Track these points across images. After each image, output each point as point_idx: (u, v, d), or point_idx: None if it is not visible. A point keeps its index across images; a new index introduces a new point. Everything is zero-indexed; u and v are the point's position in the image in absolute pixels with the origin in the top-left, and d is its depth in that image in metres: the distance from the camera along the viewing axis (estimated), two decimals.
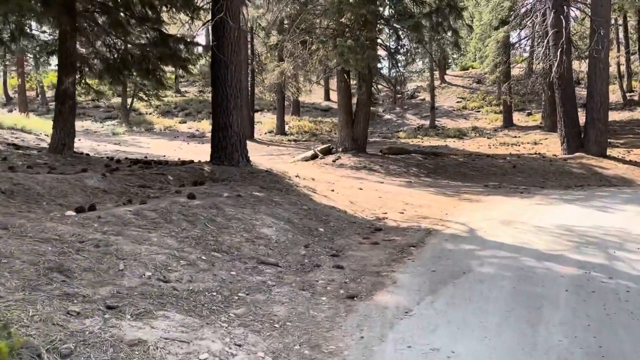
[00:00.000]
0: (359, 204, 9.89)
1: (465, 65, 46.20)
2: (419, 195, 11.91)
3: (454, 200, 11.43)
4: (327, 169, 16.43)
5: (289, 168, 14.85)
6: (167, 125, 33.71)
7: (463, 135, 30.13)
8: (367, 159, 17.99)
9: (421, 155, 19.50)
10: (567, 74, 19.83)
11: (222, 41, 10.20)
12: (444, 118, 36.12)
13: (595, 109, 19.44)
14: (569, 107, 19.99)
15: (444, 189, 13.85)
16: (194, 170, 9.67)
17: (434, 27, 18.14)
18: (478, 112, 36.50)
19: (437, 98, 39.06)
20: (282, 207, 7.75)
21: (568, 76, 19.99)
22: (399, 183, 14.72)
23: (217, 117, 10.34)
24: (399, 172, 16.97)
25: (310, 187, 10.32)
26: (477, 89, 39.86)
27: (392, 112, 38.53)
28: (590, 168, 18.15)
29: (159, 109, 38.27)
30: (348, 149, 19.05)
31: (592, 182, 16.78)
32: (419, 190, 13.08)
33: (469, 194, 12.65)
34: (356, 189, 11.71)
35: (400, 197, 11.32)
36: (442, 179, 16.47)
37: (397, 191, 12.15)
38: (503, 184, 15.75)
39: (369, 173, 16.42)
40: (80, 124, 31.77)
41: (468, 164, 18.50)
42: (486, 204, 10.65)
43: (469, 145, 26.30)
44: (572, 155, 19.53)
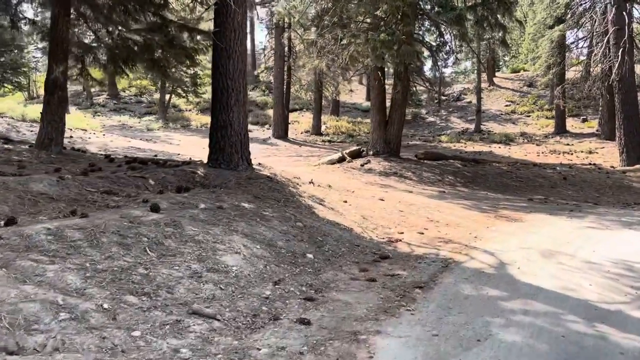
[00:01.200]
0: (372, 219, 8.31)
1: (517, 67, 43.50)
2: (448, 209, 10.20)
3: (488, 217, 9.66)
4: (353, 174, 14.87)
5: (308, 172, 13.39)
6: (203, 122, 32.84)
7: (510, 141, 27.88)
8: (399, 164, 16.30)
9: (460, 162, 17.64)
10: (629, 77, 17.52)
11: (224, 27, 8.82)
12: (491, 122, 33.83)
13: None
14: (630, 112, 17.68)
15: (480, 202, 12.05)
16: (185, 174, 8.34)
17: (478, 21, 16.25)
18: (528, 116, 34.03)
19: (484, 101, 36.79)
20: (269, 224, 6.29)
21: (630, 79, 17.67)
22: (430, 193, 12.99)
23: (215, 113, 8.97)
24: (432, 180, 15.21)
25: (319, 197, 8.81)
26: (527, 93, 37.29)
27: (436, 115, 36.48)
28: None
29: (199, 105, 37.56)
30: (379, 153, 17.40)
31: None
32: (451, 202, 11.34)
33: (508, 210, 10.83)
34: (376, 200, 10.12)
35: (426, 211, 9.65)
36: (481, 189, 14.61)
37: (424, 203, 10.47)
38: (550, 198, 13.78)
39: (399, 180, 14.75)
40: (118, 119, 31.40)
41: (512, 173, 16.53)
42: (526, 225, 8.85)
43: (515, 152, 24.12)
44: (633, 167, 17.24)
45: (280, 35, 25.42)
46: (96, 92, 40.59)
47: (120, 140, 19.00)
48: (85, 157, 10.11)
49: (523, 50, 39.02)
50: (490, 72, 40.80)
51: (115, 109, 36.22)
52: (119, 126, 29.17)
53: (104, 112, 34.86)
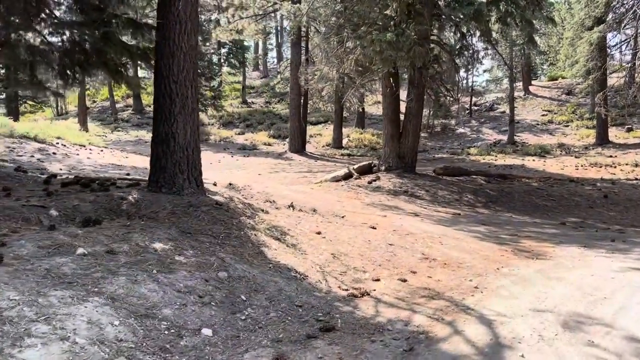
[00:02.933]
0: (346, 258, 6.30)
1: (555, 75, 40.51)
2: (455, 239, 8.06)
3: (504, 252, 7.48)
4: (356, 193, 12.84)
5: (301, 192, 11.47)
6: (224, 136, 31.50)
7: (546, 153, 25.23)
8: (413, 181, 14.17)
9: (484, 178, 15.36)
10: None
11: (167, 18, 7.06)
12: (526, 133, 31.13)
13: None
14: None
15: (499, 228, 9.83)
16: (109, 201, 6.55)
17: (502, 17, 14.06)
18: (566, 126, 31.18)
19: (519, 111, 34.13)
20: (170, 278, 4.40)
21: None
22: (441, 216, 10.84)
23: (156, 124, 7.17)
24: (448, 199, 13.02)
25: (283, 228, 6.86)
26: (566, 101, 34.38)
27: (467, 126, 33.99)
28: None
29: (222, 119, 36.30)
30: (392, 168, 15.32)
31: None
32: (462, 230, 9.18)
33: (532, 240, 8.60)
34: (365, 229, 8.08)
35: (424, 243, 7.55)
36: (504, 211, 12.33)
37: (426, 232, 8.37)
38: (587, 222, 11.42)
39: (408, 200, 12.63)
40: (136, 133, 30.32)
41: (543, 190, 14.14)
42: (550, 266, 6.64)
43: (551, 166, 21.53)
44: None
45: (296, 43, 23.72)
46: (121, 108, 39.99)
47: (112, 156, 17.54)
48: (16, 178, 8.48)
49: (561, 57, 36.16)
50: (525, 80, 38.04)
51: (138, 124, 35.29)
52: (135, 141, 28.06)
53: (125, 127, 33.95)
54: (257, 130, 33.39)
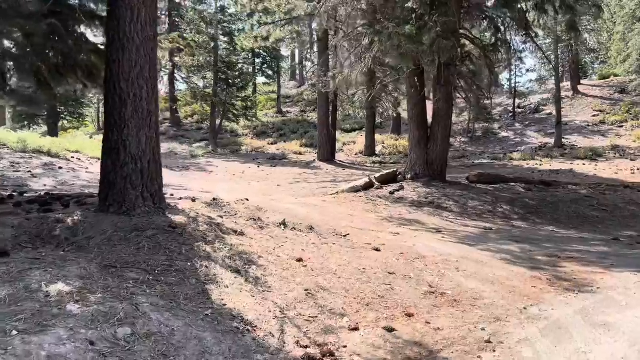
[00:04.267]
0: (321, 296, 4.84)
1: (606, 73, 37.52)
2: (475, 265, 6.44)
3: (537, 281, 5.81)
4: (375, 206, 11.29)
5: (311, 205, 10.05)
6: (256, 146, 30.52)
7: (597, 157, 22.86)
8: (441, 191, 12.49)
9: (524, 185, 13.48)
10: None
11: (116, 5, 5.85)
12: (575, 135, 28.64)
13: None
14: None
15: (536, 246, 8.08)
16: (41, 224, 5.35)
17: (538, 3, 12.25)
18: (620, 127, 28.49)
19: (567, 112, 31.61)
20: (37, 338, 3.08)
21: None
22: (468, 232, 9.16)
23: (106, 131, 5.95)
24: (479, 211, 11.28)
25: (251, 255, 5.45)
26: (619, 100, 31.55)
27: (510, 129, 31.73)
28: None
29: (257, 129, 35.43)
30: (419, 176, 13.68)
31: None
32: (489, 250, 7.51)
33: (574, 263, 6.85)
34: (366, 252, 6.58)
35: (435, 271, 5.99)
36: (545, 223, 10.50)
37: (442, 255, 6.78)
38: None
39: (433, 213, 10.98)
40: (168, 146, 29.72)
41: (593, 199, 12.16)
42: (595, 304, 4.95)
43: (603, 170, 19.26)
44: None
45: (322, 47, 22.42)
46: (160, 121, 39.76)
47: None
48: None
49: (612, 54, 33.38)
50: (574, 79, 35.33)
51: (174, 136, 34.84)
52: (165, 154, 27.40)
53: (161, 139, 33.51)
54: (290, 140, 32.27)
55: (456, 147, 29.85)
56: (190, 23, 30.42)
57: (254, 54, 37.68)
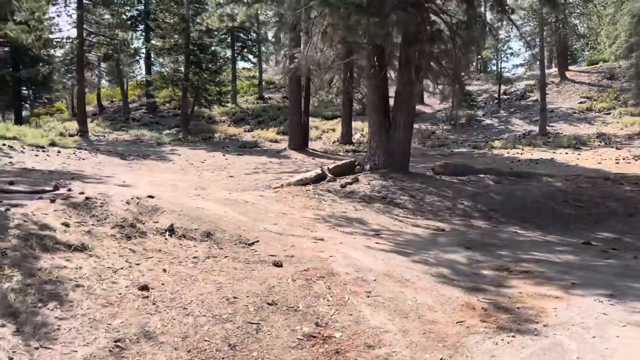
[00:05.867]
0: (143, 348, 3.35)
1: (595, 59, 35.87)
2: (396, 286, 4.95)
3: (465, 315, 4.33)
4: (317, 202, 9.76)
5: (231, 202, 8.53)
6: (231, 133, 28.86)
7: (581, 145, 21.37)
8: (398, 184, 10.98)
9: (493, 178, 11.99)
10: None
11: None
12: (561, 122, 27.13)
13: None
14: None
15: (489, 254, 6.58)
16: None
17: None
18: (608, 114, 26.96)
19: (554, 98, 30.08)
20: None
21: None
22: (412, 236, 7.66)
23: None
24: (437, 208, 9.78)
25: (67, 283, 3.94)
26: (608, 86, 29.98)
27: (495, 116, 30.17)
28: None
29: (235, 116, 33.71)
30: (378, 167, 12.16)
31: None
32: (426, 262, 6.01)
33: (528, 281, 5.37)
34: (264, 266, 5.09)
35: (336, 298, 4.51)
36: (509, 223, 9.02)
37: (359, 271, 5.27)
38: (624, 238, 8.08)
39: (383, 210, 9.47)
40: (136, 132, 28.00)
41: (568, 193, 10.69)
42: (536, 354, 3.47)
43: (585, 160, 17.79)
44: None
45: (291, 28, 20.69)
46: (136, 107, 38.10)
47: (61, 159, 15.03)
48: None
49: (602, 39, 31.69)
50: (561, 65, 33.70)
51: (148, 122, 33.13)
52: (131, 141, 25.75)
53: (133, 126, 31.70)
54: (268, 127, 30.64)
55: (438, 134, 28.32)
56: (159, 2, 28.58)
57: (232, 37, 35.82)
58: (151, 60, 35.46)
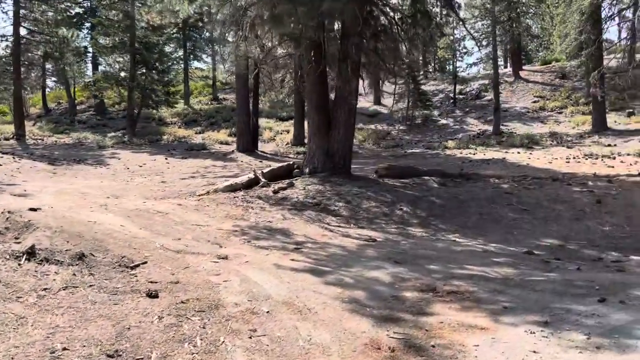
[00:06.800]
0: None
1: (549, 59, 36.03)
2: (294, 319, 4.05)
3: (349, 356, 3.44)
4: (243, 210, 8.78)
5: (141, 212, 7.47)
6: (181, 135, 27.55)
7: (534, 144, 21.04)
8: (336, 188, 10.10)
9: (439, 180, 11.26)
10: None
11: None
12: (515, 122, 26.94)
13: None
14: None
15: (418, 269, 5.74)
16: None
17: None
18: (560, 113, 26.95)
19: (508, 98, 29.95)
20: None
21: None
22: (337, 249, 6.76)
23: None
24: (374, 214, 8.94)
25: None
26: (560, 86, 30.01)
27: (450, 116, 29.80)
28: None
29: (187, 117, 32.35)
30: (318, 170, 11.28)
31: None
32: (341, 284, 5.12)
33: (454, 304, 4.53)
34: (132, 300, 4.12)
35: (210, 340, 3.56)
36: (449, 230, 8.25)
37: (258, 299, 4.37)
38: (569, 245, 7.42)
39: (314, 218, 8.56)
40: (79, 135, 26.37)
41: (514, 195, 10.04)
42: None
43: (537, 159, 17.35)
44: None
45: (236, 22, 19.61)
46: (84, 109, 36.28)
47: None
48: None
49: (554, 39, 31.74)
50: (516, 64, 33.66)
51: (94, 125, 31.46)
52: (71, 144, 24.17)
53: (78, 128, 29.96)
54: (220, 128, 29.45)
55: (393, 135, 27.72)
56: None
57: (184, 35, 34.40)
58: (98, 60, 33.77)
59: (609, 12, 20.70)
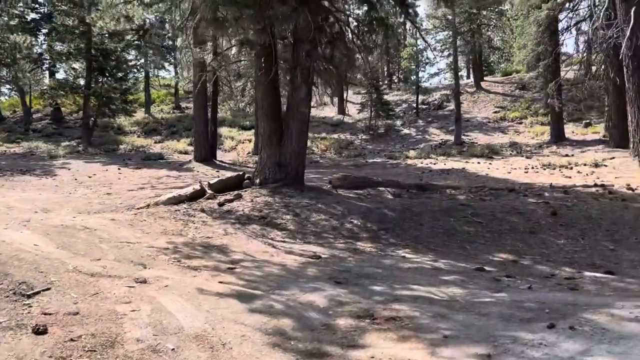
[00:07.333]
0: None
1: (510, 70, 36.49)
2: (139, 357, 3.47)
3: None
4: (184, 225, 8.15)
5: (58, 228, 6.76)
6: (139, 144, 26.59)
7: (494, 154, 20.97)
8: (285, 200, 9.56)
9: (394, 191, 10.86)
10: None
11: None
12: (476, 132, 26.97)
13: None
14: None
15: (359, 291, 5.23)
16: None
17: None
18: (520, 123, 27.13)
19: (470, 108, 30.03)
20: None
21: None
22: (276, 268, 6.21)
23: None
24: (322, 228, 8.43)
25: None
26: (520, 97, 30.29)
27: (413, 126, 29.70)
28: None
29: (147, 126, 31.34)
30: (269, 180, 10.72)
31: None
32: (269, 311, 4.57)
33: (390, 333, 4.03)
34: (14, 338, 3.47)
35: None
36: (400, 244, 7.80)
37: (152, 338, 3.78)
38: (522, 260, 7.07)
39: (259, 234, 7.99)
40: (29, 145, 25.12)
41: (470, 207, 9.67)
42: None
43: (496, 169, 17.20)
44: None
45: None
46: (41, 117, 34.79)
47: None
48: None
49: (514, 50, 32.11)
50: (477, 75, 33.91)
51: (49, 134, 30.11)
52: (22, 154, 22.96)
53: (33, 137, 28.60)
54: (181, 137, 28.61)
55: (356, 144, 27.41)
56: (57, 3, 25.96)
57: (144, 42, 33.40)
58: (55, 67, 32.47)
59: (565, 24, 20.92)
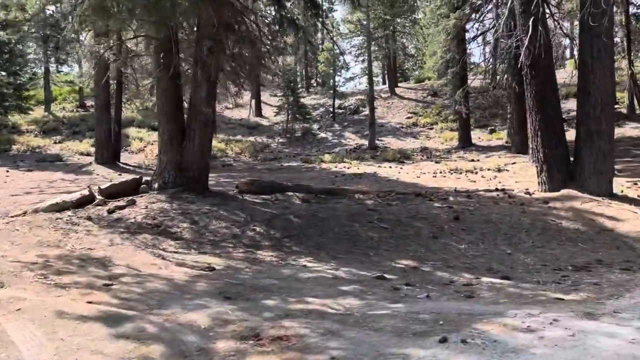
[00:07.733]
0: None
1: (423, 77, 37.68)
2: None
3: None
4: (65, 234, 7.29)
5: None
6: (35, 145, 24.45)
7: (405, 159, 21.33)
8: (184, 207, 8.90)
9: (303, 196, 10.52)
10: (545, 59, 11.06)
11: None
12: (389, 137, 27.42)
13: (592, 116, 10.72)
14: (549, 112, 11.23)
15: (249, 307, 4.78)
16: None
17: None
18: (431, 129, 27.93)
19: (384, 113, 30.52)
20: None
21: (545, 62, 11.23)
22: (161, 284, 5.60)
23: None
24: (221, 236, 7.89)
25: None
26: (432, 103, 31.25)
27: (329, 130, 29.72)
28: (592, 220, 9.36)
29: (47, 125, 28.93)
30: (168, 185, 9.99)
31: (602, 249, 8.11)
32: (130, 336, 4.00)
33: (272, 356, 3.62)
34: None
35: None
36: (304, 252, 7.44)
37: None
38: (423, 266, 6.94)
39: (149, 244, 7.31)
40: None
41: (376, 212, 9.53)
42: None
43: (406, 174, 17.42)
44: (558, 193, 10.75)
45: None
46: None
47: None
48: None
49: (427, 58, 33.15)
50: (392, 81, 34.67)
51: None
52: None
53: None
54: (84, 138, 26.68)
55: (272, 148, 26.97)
56: None
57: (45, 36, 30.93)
58: None
59: (472, 34, 21.77)
